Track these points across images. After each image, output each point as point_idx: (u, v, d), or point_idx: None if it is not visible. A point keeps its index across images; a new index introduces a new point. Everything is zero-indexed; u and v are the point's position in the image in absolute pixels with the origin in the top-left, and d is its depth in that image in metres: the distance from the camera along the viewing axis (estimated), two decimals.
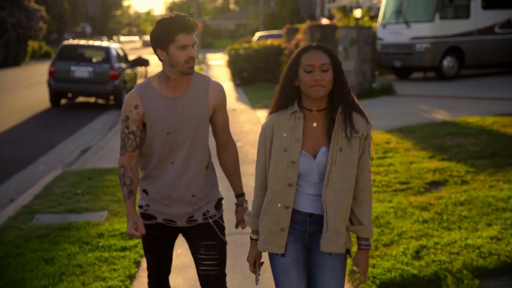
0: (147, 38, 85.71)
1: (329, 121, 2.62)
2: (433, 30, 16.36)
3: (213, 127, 3.08)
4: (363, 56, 14.44)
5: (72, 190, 7.02)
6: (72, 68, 15.50)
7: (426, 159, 7.53)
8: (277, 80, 18.62)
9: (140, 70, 19.11)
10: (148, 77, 3.00)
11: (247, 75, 20.47)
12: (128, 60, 17.38)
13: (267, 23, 46.73)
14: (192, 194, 2.97)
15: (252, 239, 2.81)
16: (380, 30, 17.73)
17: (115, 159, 8.63)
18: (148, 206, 3.03)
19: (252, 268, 2.82)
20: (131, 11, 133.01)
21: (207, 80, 3.00)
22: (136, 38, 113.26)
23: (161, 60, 2.90)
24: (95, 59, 16.32)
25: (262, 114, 12.46)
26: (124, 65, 16.54)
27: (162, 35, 2.83)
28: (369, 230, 2.66)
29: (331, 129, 2.60)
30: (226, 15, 76.11)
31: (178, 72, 2.87)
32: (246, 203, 3.15)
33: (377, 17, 20.01)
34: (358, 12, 17.77)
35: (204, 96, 2.95)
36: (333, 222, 2.59)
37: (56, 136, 11.66)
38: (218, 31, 67.11)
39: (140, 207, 3.07)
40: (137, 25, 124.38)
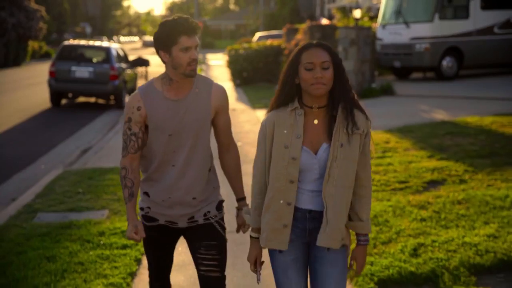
0: (147, 38, 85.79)
1: (329, 118, 2.62)
2: (432, 31, 16.40)
3: (215, 129, 3.07)
4: (362, 56, 14.48)
5: (73, 189, 7.06)
6: (73, 68, 15.54)
7: (425, 158, 7.57)
8: (277, 80, 18.55)
9: (140, 70, 19.17)
10: (151, 78, 3.00)
11: (247, 75, 20.50)
12: (128, 60, 17.42)
13: (267, 23, 46.74)
14: (192, 197, 2.97)
15: (252, 237, 2.79)
16: (379, 31, 17.77)
17: (116, 158, 8.75)
18: (150, 208, 3.03)
19: (253, 267, 2.81)
20: (131, 12, 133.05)
21: (210, 82, 3.00)
22: (136, 39, 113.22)
23: (164, 62, 2.89)
24: (95, 59, 16.37)
25: (262, 114, 12.48)
26: (124, 65, 16.57)
27: (165, 37, 2.83)
28: (367, 225, 2.69)
29: (331, 126, 2.61)
30: (226, 15, 76.13)
31: (181, 74, 2.86)
32: (247, 207, 3.11)
33: (376, 17, 20.05)
34: (357, 13, 17.80)
35: (206, 99, 2.95)
36: (332, 217, 2.59)
37: (56, 136, 11.68)
38: (218, 32, 67.12)
39: (141, 209, 3.07)
40: (137, 25, 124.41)
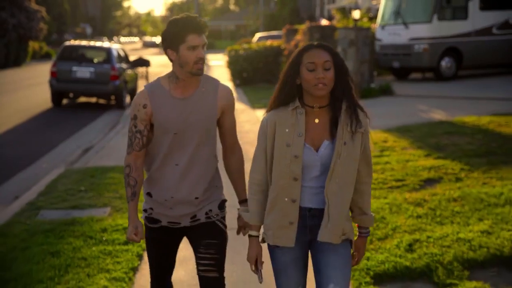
0: (147, 39, 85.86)
1: (331, 117, 2.65)
2: (431, 31, 16.48)
3: (220, 130, 3.07)
4: (361, 56, 14.57)
5: (75, 187, 7.16)
6: (74, 68, 15.64)
7: (422, 157, 7.67)
8: (276, 81, 18.65)
9: (141, 71, 19.26)
10: (158, 77, 3.01)
11: (247, 75, 20.60)
12: (129, 60, 17.52)
13: (267, 24, 46.84)
14: (195, 197, 2.97)
15: (252, 236, 2.79)
16: (378, 31, 17.86)
17: (117, 158, 8.85)
18: (152, 209, 3.03)
19: (253, 267, 2.79)
20: (131, 12, 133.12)
21: (216, 82, 3.01)
22: (136, 39, 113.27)
23: (171, 60, 2.90)
24: (96, 60, 16.49)
25: (262, 114, 12.56)
26: (125, 65, 16.67)
27: (173, 35, 2.83)
28: (371, 219, 2.79)
29: (332, 124, 2.64)
30: (226, 16, 76.26)
31: (187, 72, 2.87)
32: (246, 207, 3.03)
33: (376, 18, 20.14)
34: (356, 13, 17.91)
35: (212, 98, 2.95)
36: (334, 213, 2.63)
37: (57, 136, 11.77)
38: (218, 32, 67.19)
39: (144, 211, 3.08)
40: (137, 26, 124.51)
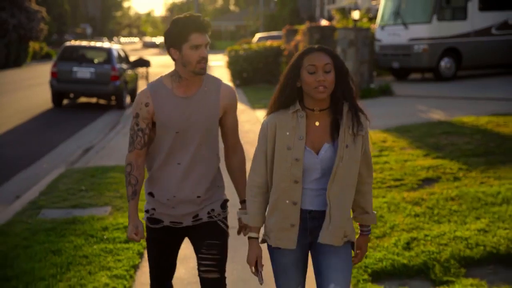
0: (147, 39, 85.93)
1: (331, 120, 2.66)
2: (430, 32, 16.54)
3: (222, 129, 3.08)
4: (361, 57, 14.63)
5: (76, 186, 7.21)
6: (74, 68, 15.70)
7: (420, 157, 7.72)
8: (276, 81, 18.68)
9: (141, 71, 19.32)
10: (160, 76, 3.02)
11: (247, 75, 20.65)
12: (129, 61, 17.58)
13: (267, 24, 46.91)
14: (197, 196, 2.98)
15: (251, 238, 2.78)
16: (378, 32, 17.93)
17: (117, 158, 8.90)
18: (154, 209, 3.03)
19: (253, 269, 2.78)
20: (131, 12, 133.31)
21: (219, 82, 3.01)
22: (136, 39, 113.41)
23: (173, 59, 2.90)
24: (96, 60, 16.55)
25: (262, 114, 12.65)
26: (125, 66, 16.73)
27: (176, 34, 2.84)
28: (374, 217, 2.83)
29: (333, 127, 2.65)
30: (226, 16, 76.33)
31: (190, 72, 2.87)
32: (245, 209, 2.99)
33: (375, 18, 20.20)
34: (356, 14, 17.97)
35: (215, 98, 2.96)
36: (336, 215, 2.64)
37: (58, 136, 11.82)
38: (218, 32, 67.22)
39: (146, 211, 3.07)
40: (137, 26, 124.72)
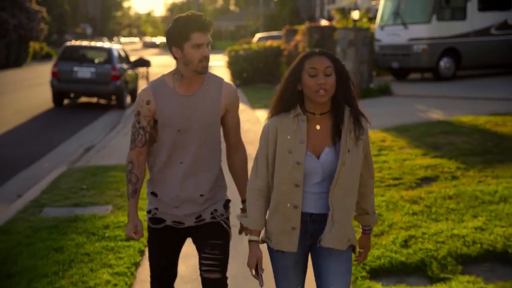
0: (147, 39, 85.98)
1: (332, 123, 2.67)
2: (430, 32, 16.58)
3: (224, 128, 3.08)
4: (360, 57, 14.67)
5: (78, 185, 7.27)
6: (75, 68, 15.76)
7: (419, 156, 7.77)
8: (276, 81, 18.82)
9: (141, 71, 19.38)
10: (162, 74, 3.02)
11: (247, 75, 20.71)
12: (129, 61, 17.65)
13: (267, 24, 46.97)
14: (200, 194, 2.98)
15: (252, 241, 2.77)
16: (378, 32, 17.97)
17: (118, 157, 8.96)
18: (157, 209, 3.03)
19: (254, 272, 2.78)
20: (132, 12, 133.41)
21: (220, 81, 3.02)
22: (137, 39, 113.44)
23: (175, 58, 2.91)
24: (97, 60, 16.62)
25: (261, 114, 12.71)
26: (125, 65, 16.79)
27: (178, 33, 2.85)
28: (375, 218, 2.88)
29: (334, 131, 2.66)
30: (226, 16, 76.39)
31: (192, 70, 2.88)
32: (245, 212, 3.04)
33: (375, 18, 20.26)
34: (355, 14, 18.02)
35: (216, 96, 2.96)
36: (338, 219, 2.65)
37: (58, 136, 11.87)
38: (218, 32, 67.28)
39: (148, 212, 3.07)
40: (137, 26, 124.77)
